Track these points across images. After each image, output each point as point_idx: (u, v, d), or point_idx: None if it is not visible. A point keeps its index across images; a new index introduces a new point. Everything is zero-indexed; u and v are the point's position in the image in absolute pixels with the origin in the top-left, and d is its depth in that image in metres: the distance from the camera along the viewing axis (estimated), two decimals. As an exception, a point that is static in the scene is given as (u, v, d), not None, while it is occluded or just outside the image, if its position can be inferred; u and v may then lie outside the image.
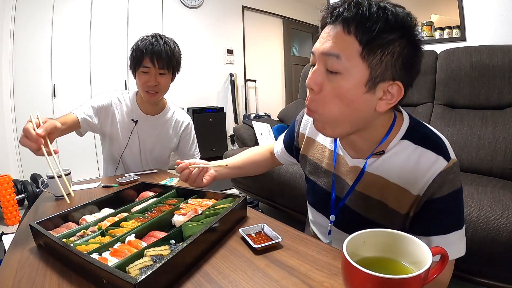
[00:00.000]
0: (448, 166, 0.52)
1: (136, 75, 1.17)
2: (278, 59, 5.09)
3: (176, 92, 3.85)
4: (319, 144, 0.73)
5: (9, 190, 2.16)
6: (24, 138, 0.71)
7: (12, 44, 2.73)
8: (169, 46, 1.16)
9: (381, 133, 0.58)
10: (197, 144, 1.46)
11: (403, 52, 0.48)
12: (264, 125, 2.57)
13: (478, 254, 1.01)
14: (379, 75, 0.49)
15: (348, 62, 0.48)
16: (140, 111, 1.28)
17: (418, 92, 1.87)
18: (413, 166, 0.54)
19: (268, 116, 4.23)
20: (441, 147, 0.54)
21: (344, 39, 0.49)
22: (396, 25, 0.47)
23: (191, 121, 1.42)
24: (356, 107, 0.51)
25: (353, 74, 0.49)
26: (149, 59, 1.12)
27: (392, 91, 0.51)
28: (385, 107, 0.52)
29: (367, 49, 0.47)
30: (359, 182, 0.61)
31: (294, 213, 1.73)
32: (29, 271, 0.51)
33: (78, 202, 0.81)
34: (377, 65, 0.48)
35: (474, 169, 1.49)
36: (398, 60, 0.49)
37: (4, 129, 2.72)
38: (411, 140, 0.56)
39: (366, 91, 0.50)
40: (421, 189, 0.54)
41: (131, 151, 1.29)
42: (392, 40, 0.47)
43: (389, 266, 0.39)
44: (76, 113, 1.12)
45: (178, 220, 0.64)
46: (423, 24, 2.30)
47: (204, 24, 4.07)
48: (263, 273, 0.48)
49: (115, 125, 1.25)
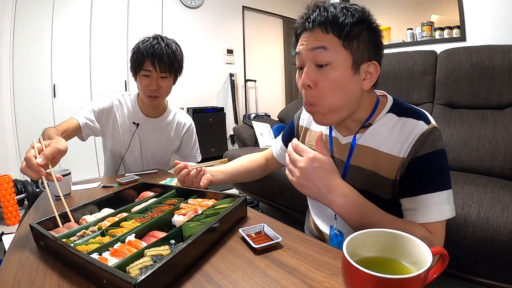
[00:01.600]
0: (428, 128, 0.59)
1: (137, 78, 1.15)
2: (278, 59, 5.09)
3: (176, 92, 3.83)
4: (314, 132, 0.80)
5: (9, 190, 2.17)
6: (25, 167, 0.67)
7: (12, 44, 2.73)
8: (171, 48, 1.13)
9: (368, 112, 0.66)
10: (198, 146, 1.45)
11: (370, 37, 0.59)
12: (264, 125, 2.57)
13: (478, 254, 1.01)
14: (360, 58, 0.59)
15: (334, 52, 0.58)
16: (141, 114, 1.27)
17: (418, 92, 1.87)
18: (398, 133, 0.61)
19: (268, 116, 4.23)
20: (421, 115, 0.61)
21: (325, 37, 0.58)
22: (359, 18, 0.58)
23: (193, 122, 1.41)
24: (349, 89, 0.60)
25: (341, 61, 0.58)
26: (150, 63, 1.09)
27: (370, 70, 0.61)
28: (369, 85, 0.62)
29: (346, 40, 0.57)
30: (352, 157, 0.67)
31: (294, 213, 1.73)
32: (29, 271, 0.51)
33: (78, 202, 0.81)
34: (356, 50, 0.58)
35: (474, 169, 1.49)
36: (369, 44, 0.59)
37: (4, 129, 2.72)
38: (395, 113, 0.64)
39: (353, 74, 0.59)
40: (405, 152, 0.59)
41: (132, 154, 1.29)
42: (361, 30, 0.58)
43: (389, 266, 0.39)
44: (77, 118, 1.11)
45: (178, 220, 0.64)
46: (423, 24, 2.30)
47: (204, 24, 4.07)
48: (263, 273, 0.48)
49: (117, 127, 1.24)
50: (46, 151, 0.69)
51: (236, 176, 0.97)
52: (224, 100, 4.41)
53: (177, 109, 1.39)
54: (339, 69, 0.58)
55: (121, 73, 3.31)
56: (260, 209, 2.15)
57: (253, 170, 0.99)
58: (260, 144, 2.42)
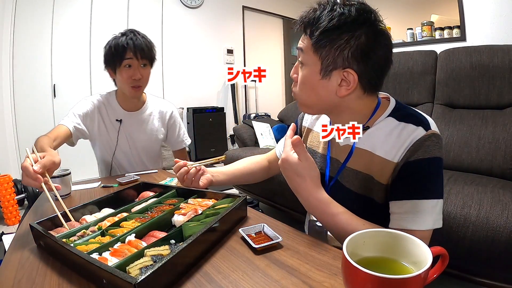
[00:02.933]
0: (426, 134, 0.57)
1: (117, 72, 1.18)
2: (278, 59, 5.09)
3: (176, 92, 3.87)
4: (316, 133, 0.80)
5: (9, 190, 2.17)
6: (25, 177, 0.71)
7: (12, 44, 2.73)
8: (147, 39, 1.20)
9: (365, 115, 0.65)
10: (185, 130, 1.46)
11: (351, 43, 0.56)
12: (264, 125, 2.57)
13: (478, 254, 1.01)
14: (331, 64, 0.58)
15: (306, 55, 0.61)
16: (122, 110, 1.28)
17: (418, 92, 1.87)
18: (395, 138, 0.60)
19: (268, 116, 4.23)
20: (422, 121, 0.59)
21: (304, 38, 0.61)
22: (341, 22, 0.56)
23: (175, 108, 1.43)
24: (317, 92, 0.62)
25: (310, 64, 0.61)
26: (132, 53, 1.14)
27: (348, 78, 0.59)
28: (344, 92, 0.60)
29: (316, 45, 0.58)
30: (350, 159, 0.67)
31: (294, 213, 1.74)
32: (29, 271, 0.51)
33: (78, 202, 0.81)
34: (327, 56, 0.58)
35: (474, 169, 1.49)
36: (346, 51, 0.57)
37: (4, 129, 2.72)
38: (395, 118, 0.62)
39: (320, 78, 0.60)
40: (399, 157, 0.59)
41: (122, 151, 1.30)
42: (338, 35, 0.56)
43: (389, 266, 0.39)
44: (65, 124, 1.14)
45: (178, 220, 0.64)
46: (423, 24, 2.30)
47: (204, 24, 4.07)
48: (263, 273, 0.48)
49: (102, 128, 1.26)
50: (43, 161, 0.73)
51: (237, 177, 0.96)
52: (224, 100, 4.41)
53: (156, 99, 1.40)
54: (307, 70, 0.62)
55: (121, 73, 3.31)
56: (260, 209, 2.15)
57: (255, 172, 0.98)
58: (260, 144, 2.42)
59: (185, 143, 1.45)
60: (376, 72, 0.60)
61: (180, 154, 1.46)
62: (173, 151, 1.47)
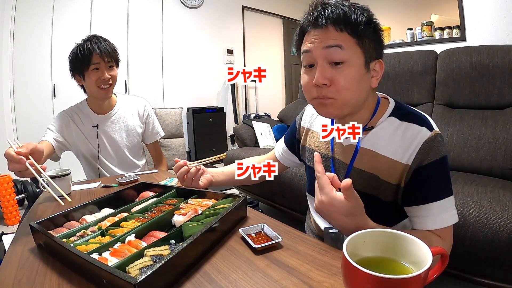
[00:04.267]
0: (432, 135, 0.59)
1: (85, 76, 1.21)
2: (278, 59, 5.09)
3: (176, 92, 3.87)
4: (316, 133, 0.79)
5: (9, 190, 2.16)
6: (10, 164, 0.73)
7: (12, 44, 2.73)
8: (110, 43, 1.25)
9: (368, 114, 0.66)
10: (158, 123, 1.48)
11: (375, 35, 0.61)
12: (264, 125, 2.57)
13: (478, 254, 1.01)
14: (370, 56, 0.60)
15: (350, 51, 0.58)
16: (96, 115, 1.31)
17: (418, 92, 1.87)
18: (400, 138, 0.61)
19: (268, 116, 4.23)
20: (424, 121, 0.61)
21: (339, 35, 0.58)
22: (368, 17, 0.59)
23: (147, 102, 1.46)
24: (363, 87, 0.61)
25: (356, 59, 0.59)
26: (98, 55, 1.19)
27: (376, 68, 0.62)
28: (376, 83, 0.63)
29: (359, 39, 0.58)
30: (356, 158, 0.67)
31: (294, 213, 1.73)
32: (29, 271, 0.51)
33: (78, 202, 0.81)
34: (367, 49, 0.59)
35: (474, 169, 1.49)
36: (375, 42, 0.60)
37: (4, 129, 2.72)
38: (397, 117, 0.64)
39: (366, 71, 0.60)
40: (409, 158, 0.60)
41: (105, 155, 1.32)
42: (368, 29, 0.59)
43: (389, 266, 0.39)
44: (46, 139, 1.17)
45: (178, 220, 0.64)
46: (423, 24, 2.30)
47: (204, 24, 4.07)
48: (263, 273, 0.48)
49: (81, 136, 1.28)
50: (25, 144, 0.75)
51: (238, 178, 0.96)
52: (224, 100, 4.41)
53: (126, 96, 1.44)
54: (355, 67, 0.59)
55: (121, 73, 3.28)
56: (260, 209, 2.15)
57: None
58: (260, 144, 2.42)
59: (160, 135, 1.47)
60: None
61: (153, 147, 1.48)
62: (146, 144, 1.48)
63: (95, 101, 1.30)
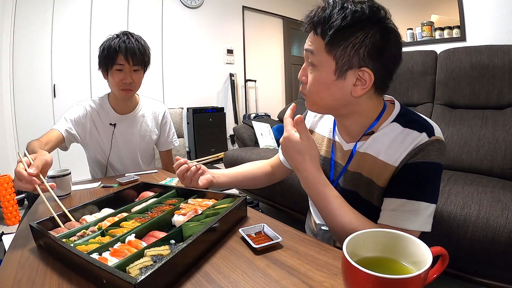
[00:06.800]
0: (429, 140, 0.57)
1: (109, 74, 1.17)
2: (278, 59, 5.09)
3: (176, 92, 3.87)
4: (318, 135, 0.80)
5: (9, 190, 2.16)
6: (18, 182, 0.70)
7: (12, 44, 2.73)
8: (141, 43, 1.18)
9: (371, 119, 0.65)
10: (174, 131, 1.45)
11: (366, 41, 0.55)
12: (264, 125, 2.57)
13: (478, 254, 1.01)
14: (346, 64, 0.57)
15: (318, 57, 0.59)
16: (115, 114, 1.27)
17: (418, 92, 1.87)
18: (399, 144, 0.60)
19: (268, 116, 4.23)
20: (426, 127, 0.59)
21: (314, 39, 0.59)
22: (355, 20, 0.55)
23: (167, 109, 1.43)
24: (332, 92, 0.60)
25: (323, 65, 0.59)
26: (123, 57, 1.13)
27: (364, 77, 0.58)
28: (360, 92, 0.59)
29: (329, 45, 0.57)
30: (350, 163, 0.68)
31: (294, 213, 1.74)
32: (29, 271, 0.51)
33: (78, 202, 0.81)
34: (341, 56, 0.57)
35: (474, 169, 1.49)
36: (361, 49, 0.56)
37: (4, 129, 2.72)
38: (400, 123, 0.62)
39: (335, 78, 0.59)
40: (400, 160, 0.59)
41: (116, 154, 1.30)
42: (352, 33, 0.55)
43: (389, 266, 0.39)
44: (57, 128, 1.14)
45: (178, 220, 0.64)
46: (423, 24, 2.30)
47: (204, 24, 4.07)
48: (263, 273, 0.48)
49: (95, 133, 1.25)
50: (36, 162, 0.72)
51: (239, 181, 0.95)
52: (224, 100, 4.41)
53: (149, 100, 1.40)
54: (322, 71, 0.59)
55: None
56: (260, 209, 2.15)
57: (257, 177, 0.96)
58: (260, 144, 2.42)
59: (174, 144, 1.44)
60: (388, 70, 0.61)
61: (167, 155, 1.46)
62: (159, 151, 1.46)
63: (116, 99, 1.26)
